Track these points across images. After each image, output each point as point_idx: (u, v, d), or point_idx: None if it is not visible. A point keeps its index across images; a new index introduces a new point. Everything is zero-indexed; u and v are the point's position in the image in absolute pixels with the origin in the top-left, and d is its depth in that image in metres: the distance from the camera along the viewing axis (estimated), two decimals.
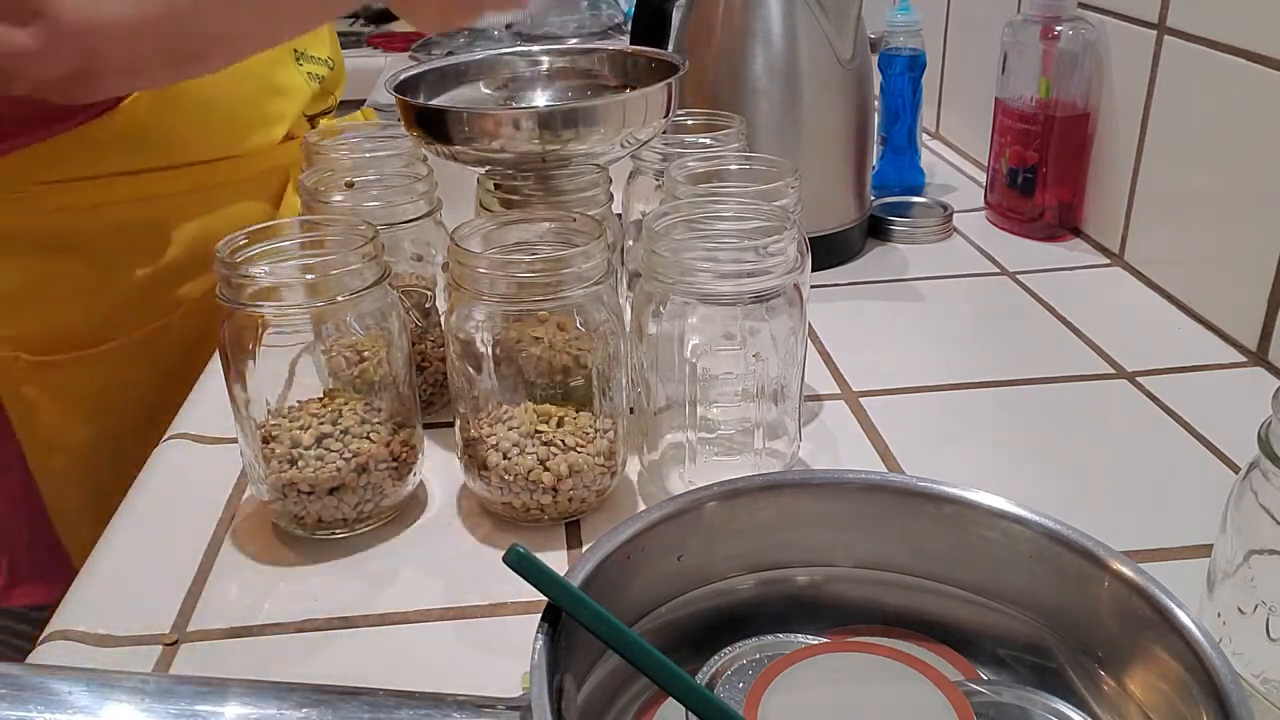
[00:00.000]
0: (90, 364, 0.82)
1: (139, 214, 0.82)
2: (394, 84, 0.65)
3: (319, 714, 0.31)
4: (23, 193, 0.78)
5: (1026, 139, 0.91)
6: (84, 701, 0.30)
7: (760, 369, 0.55)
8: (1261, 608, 0.39)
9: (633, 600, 0.37)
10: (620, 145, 0.62)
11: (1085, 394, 0.69)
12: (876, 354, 0.75)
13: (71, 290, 0.81)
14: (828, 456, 0.63)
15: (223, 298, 0.52)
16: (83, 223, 0.80)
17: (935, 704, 0.34)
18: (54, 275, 0.80)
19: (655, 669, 0.32)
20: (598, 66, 0.73)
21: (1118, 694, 0.35)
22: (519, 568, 0.31)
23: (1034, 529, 0.37)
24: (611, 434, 0.56)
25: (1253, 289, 0.71)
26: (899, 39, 1.01)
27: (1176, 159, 0.80)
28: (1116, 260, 0.88)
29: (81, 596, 0.53)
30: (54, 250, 0.80)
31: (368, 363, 0.58)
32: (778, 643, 0.39)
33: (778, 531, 0.40)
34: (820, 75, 0.84)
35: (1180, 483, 0.60)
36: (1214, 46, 0.74)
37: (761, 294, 0.53)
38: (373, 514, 0.56)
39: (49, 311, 0.81)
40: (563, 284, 0.52)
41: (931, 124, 1.25)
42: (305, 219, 0.59)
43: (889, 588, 0.40)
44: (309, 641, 0.50)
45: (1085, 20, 0.88)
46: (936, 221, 0.95)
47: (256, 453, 0.55)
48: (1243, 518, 0.40)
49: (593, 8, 1.72)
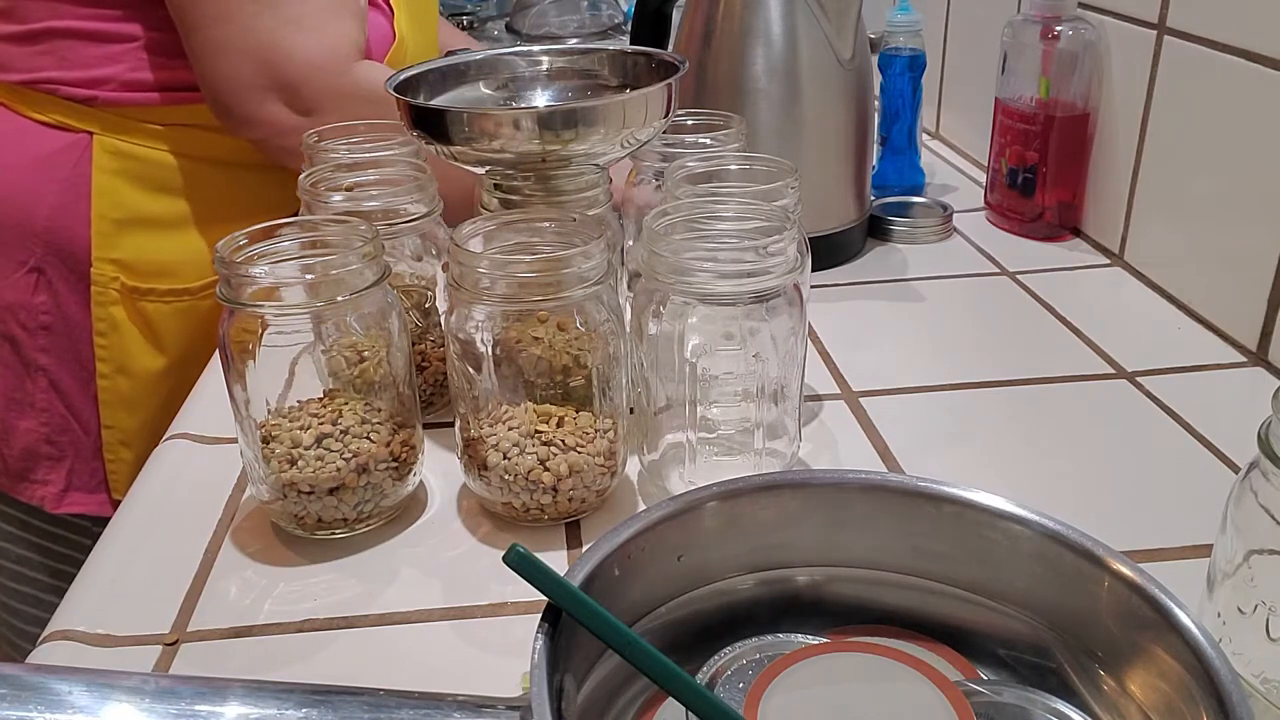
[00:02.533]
0: (178, 299, 0.88)
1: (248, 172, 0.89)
2: (394, 84, 0.65)
3: (319, 714, 0.31)
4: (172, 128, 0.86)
5: (1026, 139, 0.91)
6: (84, 701, 0.30)
7: (760, 369, 0.55)
8: (1261, 608, 0.39)
9: (633, 600, 0.37)
10: (620, 145, 0.62)
11: (1085, 394, 0.69)
12: (876, 354, 0.75)
13: (177, 226, 0.88)
14: (828, 456, 0.63)
15: (223, 298, 0.52)
16: (200, 169, 0.87)
17: (935, 704, 0.34)
18: (165, 209, 0.87)
19: (655, 669, 0.32)
20: (598, 66, 0.73)
21: (1118, 694, 0.35)
22: (519, 568, 0.31)
23: (1034, 529, 0.37)
24: (611, 434, 0.56)
25: (1253, 289, 0.71)
26: (899, 39, 1.01)
27: (1176, 159, 0.80)
28: (1116, 260, 0.88)
29: (81, 596, 0.53)
30: (169, 187, 0.87)
31: (368, 363, 0.58)
32: (778, 643, 0.39)
33: (778, 531, 0.40)
34: (820, 75, 0.84)
35: (1180, 483, 0.60)
36: (1214, 46, 0.74)
37: (761, 294, 0.53)
38: (373, 514, 0.56)
39: (154, 243, 0.87)
40: (563, 284, 0.52)
41: (931, 124, 1.25)
42: (305, 219, 0.59)
43: (889, 588, 0.40)
44: (309, 641, 0.50)
45: (1085, 20, 0.88)
46: (936, 221, 0.95)
47: (256, 453, 0.55)
48: (1243, 518, 0.40)
49: (593, 8, 1.72)
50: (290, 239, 0.55)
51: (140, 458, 0.89)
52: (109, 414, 0.89)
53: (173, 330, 0.89)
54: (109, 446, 0.89)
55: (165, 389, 0.89)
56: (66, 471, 0.89)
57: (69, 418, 0.88)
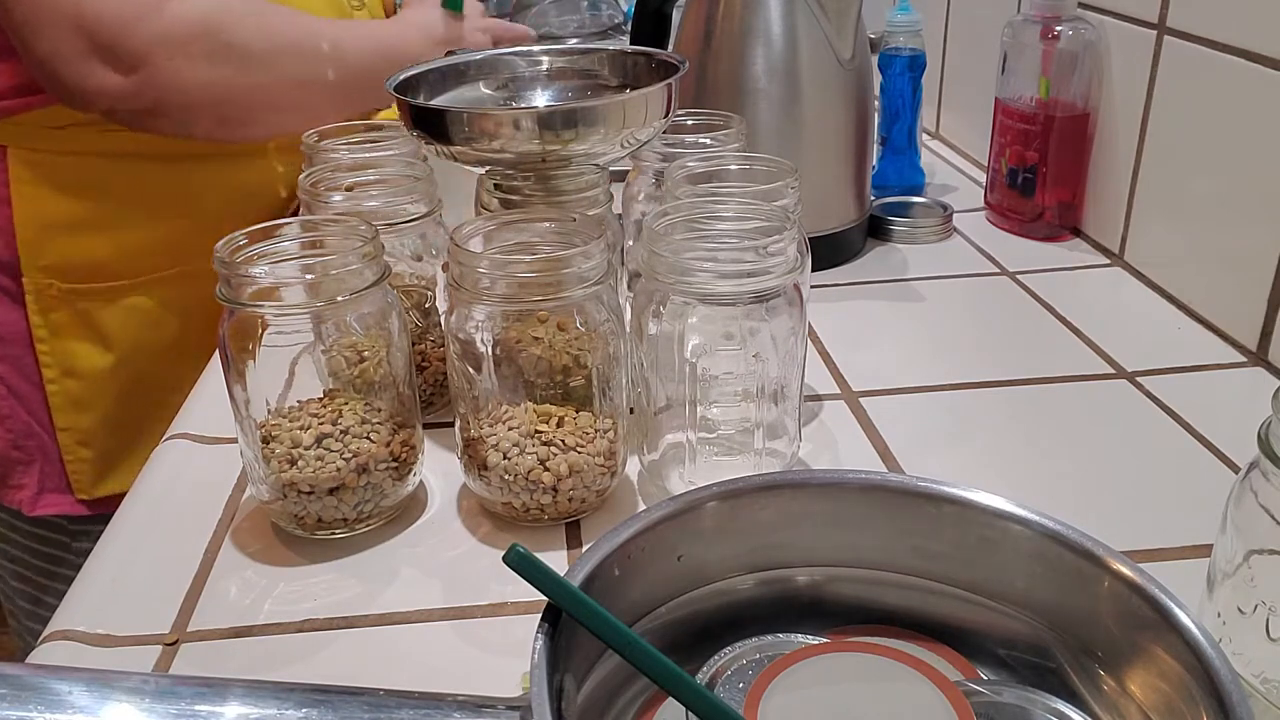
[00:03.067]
0: (117, 296, 0.88)
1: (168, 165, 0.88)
2: (394, 84, 0.65)
3: (319, 714, 0.31)
4: (68, 129, 0.84)
5: (1026, 139, 0.91)
6: (84, 701, 0.30)
7: (760, 369, 0.55)
8: (1261, 608, 0.39)
9: (633, 600, 0.37)
10: (620, 145, 0.62)
11: (1085, 394, 0.69)
12: (876, 354, 0.75)
13: (105, 226, 0.87)
14: (828, 456, 0.63)
15: (223, 297, 0.52)
16: (119, 166, 0.86)
17: (935, 704, 0.34)
18: (89, 211, 0.86)
19: (655, 669, 0.32)
20: (598, 66, 0.73)
21: (1118, 694, 0.35)
22: (519, 568, 0.31)
23: (1034, 529, 0.37)
24: (611, 434, 0.56)
25: (1253, 289, 0.71)
26: (899, 39, 1.01)
27: (1176, 159, 0.80)
28: (1116, 260, 0.88)
29: (81, 596, 0.53)
30: (90, 187, 0.86)
31: (368, 363, 0.58)
32: (778, 643, 0.39)
33: (778, 531, 0.40)
34: (820, 75, 0.84)
35: (1180, 483, 0.60)
36: (1214, 46, 0.74)
37: (761, 294, 0.53)
38: (373, 514, 0.56)
39: (82, 245, 0.87)
40: (563, 284, 0.52)
41: (931, 124, 1.25)
42: (305, 219, 0.59)
43: (889, 588, 0.40)
44: (309, 641, 0.50)
45: (1085, 20, 0.88)
46: (936, 221, 0.95)
47: (256, 453, 0.55)
48: (1243, 518, 0.40)
49: (593, 8, 1.72)
50: (290, 239, 0.55)
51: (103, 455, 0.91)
52: (61, 417, 0.89)
53: (116, 326, 0.89)
54: (66, 448, 0.90)
55: (116, 385, 0.90)
56: (38, 475, 0.90)
57: (31, 423, 0.89)
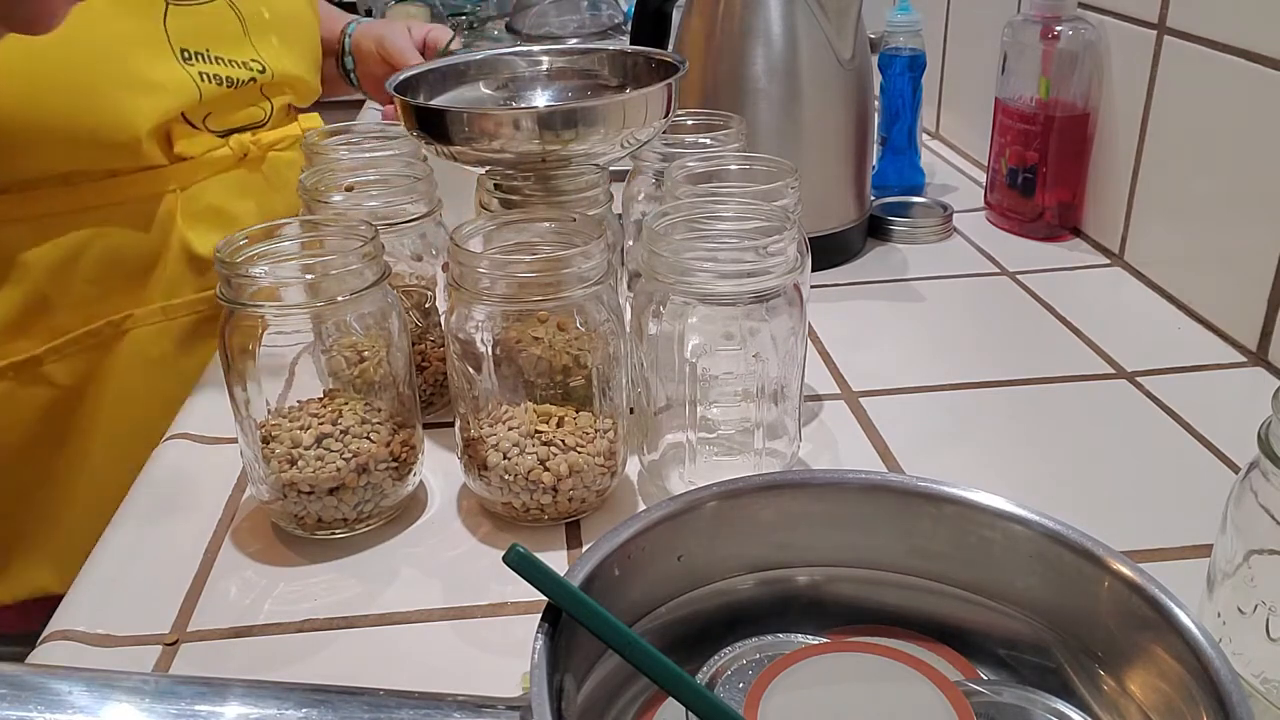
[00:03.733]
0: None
1: None
2: (394, 84, 0.65)
3: (319, 714, 0.31)
4: None
5: (1026, 139, 0.91)
6: (84, 701, 0.30)
7: (760, 369, 0.55)
8: (1261, 608, 0.39)
9: (633, 600, 0.37)
10: (620, 145, 0.62)
11: (1085, 394, 0.69)
12: (876, 354, 0.75)
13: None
14: (828, 456, 0.63)
15: (223, 298, 0.52)
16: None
17: (935, 704, 0.34)
18: None
19: (655, 669, 0.32)
20: (598, 66, 0.73)
21: (1118, 694, 0.35)
22: (519, 568, 0.31)
23: (1034, 529, 0.36)
24: (611, 434, 0.56)
25: (1253, 289, 0.71)
26: (899, 39, 1.01)
27: (1176, 159, 0.80)
28: (1116, 260, 0.88)
29: (81, 596, 0.53)
30: None
31: (368, 363, 0.58)
32: (778, 643, 0.39)
33: (778, 531, 0.40)
34: (820, 75, 0.84)
35: (1180, 483, 0.60)
36: (1214, 46, 0.74)
37: (761, 294, 0.53)
38: (373, 514, 0.56)
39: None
40: (563, 284, 0.52)
41: (931, 124, 1.25)
42: (305, 219, 0.59)
43: (889, 588, 0.40)
44: (309, 641, 0.50)
45: (1085, 20, 0.88)
46: (936, 221, 0.95)
47: (256, 453, 0.55)
48: (1243, 518, 0.40)
49: (593, 8, 1.72)
50: (290, 239, 0.55)
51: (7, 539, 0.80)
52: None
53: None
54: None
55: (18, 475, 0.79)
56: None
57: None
